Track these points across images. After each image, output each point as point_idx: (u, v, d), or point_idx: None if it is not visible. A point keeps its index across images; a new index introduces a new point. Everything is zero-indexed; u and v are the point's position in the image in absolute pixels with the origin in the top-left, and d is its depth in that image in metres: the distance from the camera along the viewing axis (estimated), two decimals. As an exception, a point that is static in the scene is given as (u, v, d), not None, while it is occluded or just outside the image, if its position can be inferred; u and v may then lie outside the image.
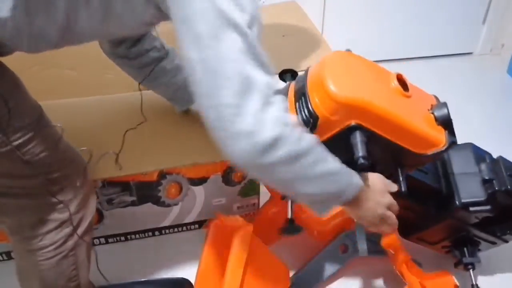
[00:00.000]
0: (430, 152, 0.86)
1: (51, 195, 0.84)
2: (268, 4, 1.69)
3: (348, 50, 0.93)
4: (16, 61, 1.37)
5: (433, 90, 2.10)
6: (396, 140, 0.84)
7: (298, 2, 1.50)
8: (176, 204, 1.25)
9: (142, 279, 1.14)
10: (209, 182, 1.21)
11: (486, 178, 1.00)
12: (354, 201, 0.78)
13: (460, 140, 1.61)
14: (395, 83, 0.85)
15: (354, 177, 0.78)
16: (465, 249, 1.09)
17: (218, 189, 1.24)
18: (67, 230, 0.88)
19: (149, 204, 1.22)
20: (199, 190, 1.23)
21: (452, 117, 0.90)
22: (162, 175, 1.16)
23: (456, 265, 1.11)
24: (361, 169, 0.81)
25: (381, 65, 0.94)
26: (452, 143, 0.86)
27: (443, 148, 0.85)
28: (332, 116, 0.81)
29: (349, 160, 0.80)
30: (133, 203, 1.21)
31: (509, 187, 0.98)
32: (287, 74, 1.01)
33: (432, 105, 0.90)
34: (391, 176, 0.89)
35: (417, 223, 1.06)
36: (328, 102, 0.80)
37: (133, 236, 1.29)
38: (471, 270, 1.09)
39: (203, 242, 1.05)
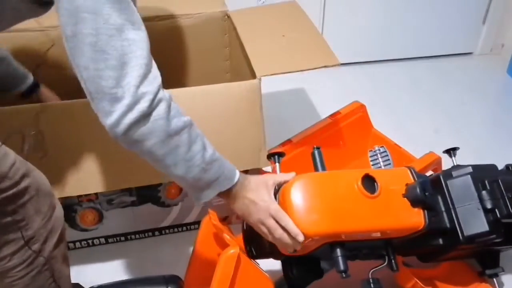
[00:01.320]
0: (411, 234, 0.92)
1: (11, 213, 0.77)
2: (268, 4, 1.69)
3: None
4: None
5: (433, 90, 2.12)
6: (374, 238, 0.91)
7: (298, 2, 1.50)
8: (176, 204, 1.24)
9: (132, 278, 1.14)
10: (209, 182, 1.21)
11: (488, 208, 0.96)
12: (228, 195, 0.84)
13: (460, 140, 1.64)
14: (360, 187, 0.88)
15: (227, 170, 0.82)
16: (486, 260, 1.10)
17: (218, 189, 1.23)
18: (35, 246, 0.82)
19: (149, 204, 1.22)
20: (199, 190, 1.23)
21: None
22: (162, 175, 1.16)
23: (480, 274, 1.12)
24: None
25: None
26: (433, 217, 0.92)
27: (423, 228, 0.90)
28: (307, 243, 0.86)
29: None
30: (133, 203, 1.21)
31: (511, 210, 0.96)
32: (274, 156, 1.05)
33: (407, 185, 0.92)
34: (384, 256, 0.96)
35: (430, 253, 1.07)
36: None
37: (133, 236, 1.29)
38: (494, 279, 1.11)
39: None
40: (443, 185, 1.00)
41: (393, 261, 0.94)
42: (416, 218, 0.90)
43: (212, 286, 0.89)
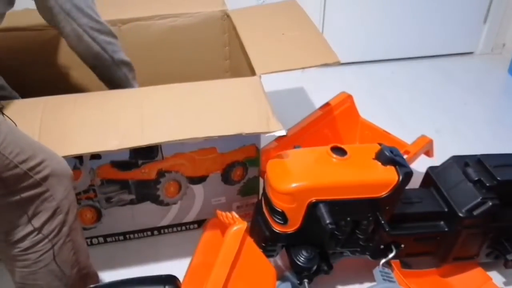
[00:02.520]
0: (389, 190, 0.97)
1: (37, 185, 0.83)
2: (268, 3, 1.69)
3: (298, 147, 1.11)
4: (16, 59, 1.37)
5: (434, 90, 2.11)
6: (354, 196, 0.97)
7: (298, 2, 1.50)
8: (175, 203, 1.24)
9: (129, 278, 1.13)
10: (208, 181, 1.21)
11: (475, 179, 1.05)
12: None
13: (461, 139, 1.63)
14: (329, 152, 1.00)
15: None
16: (505, 246, 1.11)
17: (217, 188, 1.23)
18: (60, 217, 0.88)
19: (148, 203, 1.21)
20: (198, 189, 1.22)
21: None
22: (161, 173, 1.16)
23: (506, 265, 1.13)
24: (332, 234, 1.00)
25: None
26: (406, 174, 0.97)
27: (399, 182, 0.96)
28: (291, 205, 0.97)
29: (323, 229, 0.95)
30: (131, 202, 1.20)
31: (499, 178, 1.03)
32: None
33: (375, 153, 1.01)
34: (376, 223, 1.01)
35: (442, 246, 1.10)
36: (281, 197, 0.97)
37: (131, 236, 1.29)
38: None
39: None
40: (432, 176, 1.11)
41: (383, 222, 1.00)
42: (389, 173, 0.97)
43: (217, 259, 0.90)
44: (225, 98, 1.09)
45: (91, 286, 1.03)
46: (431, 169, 1.14)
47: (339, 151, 1.01)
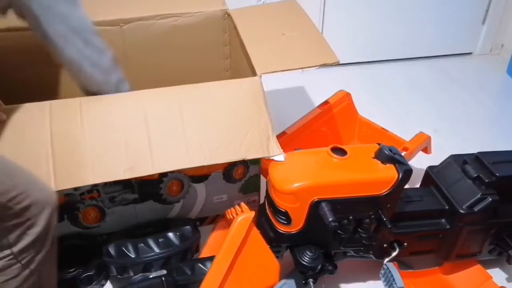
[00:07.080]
0: (390, 187, 0.99)
1: (18, 215, 0.80)
2: (268, 2, 1.70)
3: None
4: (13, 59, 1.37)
5: (433, 90, 2.12)
6: (356, 194, 0.99)
7: (298, 1, 1.51)
8: (177, 202, 1.25)
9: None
10: (210, 179, 1.22)
11: (474, 176, 1.06)
12: None
13: (460, 140, 1.64)
14: (330, 153, 1.01)
15: None
16: (507, 242, 1.12)
17: (219, 186, 1.24)
18: (38, 244, 0.84)
19: (151, 201, 1.22)
20: (200, 187, 1.23)
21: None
22: (164, 173, 1.16)
23: (509, 261, 1.14)
24: (335, 232, 1.01)
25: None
26: (406, 171, 0.98)
27: (399, 179, 0.98)
28: (294, 204, 0.98)
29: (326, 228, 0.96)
30: (135, 201, 1.21)
31: (497, 174, 1.04)
32: None
33: (375, 152, 1.03)
34: (378, 220, 1.02)
35: (444, 244, 1.12)
36: (284, 197, 0.99)
37: (134, 234, 1.29)
38: None
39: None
40: (432, 175, 1.13)
41: (385, 219, 1.00)
42: (389, 171, 0.99)
43: (222, 245, 0.93)
44: (226, 108, 1.11)
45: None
46: (431, 168, 1.16)
47: (339, 151, 1.02)
